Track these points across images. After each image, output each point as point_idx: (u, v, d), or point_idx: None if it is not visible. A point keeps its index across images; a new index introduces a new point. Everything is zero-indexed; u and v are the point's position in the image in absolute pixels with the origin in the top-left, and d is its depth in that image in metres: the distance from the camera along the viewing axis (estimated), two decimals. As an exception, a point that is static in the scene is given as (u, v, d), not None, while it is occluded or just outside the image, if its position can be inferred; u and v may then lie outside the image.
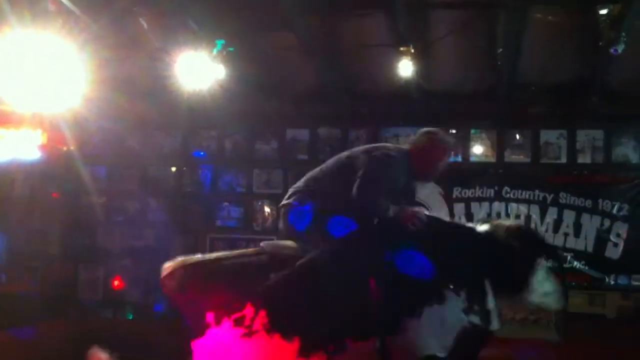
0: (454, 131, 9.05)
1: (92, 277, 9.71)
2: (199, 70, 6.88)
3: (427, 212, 4.10)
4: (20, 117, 8.04)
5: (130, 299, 9.47)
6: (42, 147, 8.78)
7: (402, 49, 7.05)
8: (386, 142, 9.04)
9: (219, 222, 9.43)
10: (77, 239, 9.80)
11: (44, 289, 9.32)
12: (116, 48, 7.00)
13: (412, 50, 7.06)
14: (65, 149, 9.11)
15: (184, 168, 9.69)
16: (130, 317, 9.47)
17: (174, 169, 9.72)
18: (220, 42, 6.85)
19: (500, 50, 7.28)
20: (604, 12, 6.56)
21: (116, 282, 9.41)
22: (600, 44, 6.80)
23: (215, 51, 6.80)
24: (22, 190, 9.75)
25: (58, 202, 9.74)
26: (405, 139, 9.02)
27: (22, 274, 9.45)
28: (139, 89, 8.14)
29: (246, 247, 4.79)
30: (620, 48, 6.43)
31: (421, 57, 7.30)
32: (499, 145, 8.92)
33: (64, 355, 6.39)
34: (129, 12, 6.51)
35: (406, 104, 8.56)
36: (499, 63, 7.54)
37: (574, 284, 8.36)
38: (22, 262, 9.48)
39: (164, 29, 6.81)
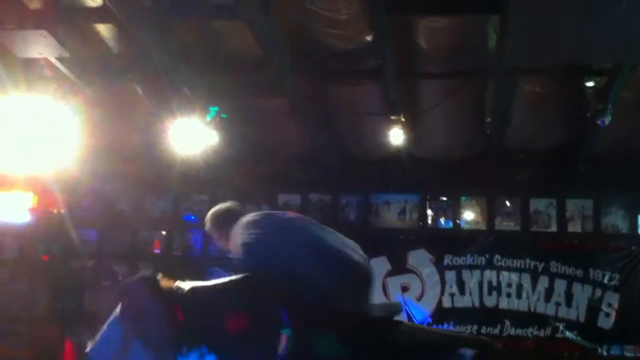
0: (444, 198, 9.12)
1: (79, 342, 9.56)
2: (191, 135, 6.94)
3: None
4: (12, 179, 8.07)
5: None
6: (33, 210, 8.78)
7: (392, 117, 7.14)
8: (377, 209, 9.12)
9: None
10: (65, 303, 9.69)
11: (30, 353, 9.16)
12: (110, 112, 7.10)
13: (403, 119, 7.15)
14: (55, 211, 9.10)
15: (174, 232, 9.66)
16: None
17: (164, 232, 9.69)
18: (213, 109, 6.93)
19: (489, 119, 7.39)
20: (590, 84, 6.69)
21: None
22: (588, 114, 6.92)
23: (208, 117, 6.87)
24: (10, 252, 9.70)
25: (47, 265, 9.66)
26: (396, 206, 9.10)
27: (8, 337, 9.31)
28: (132, 153, 8.19)
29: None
30: (607, 120, 6.54)
31: (411, 125, 7.40)
32: (489, 213, 8.96)
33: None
34: (123, 77, 6.61)
35: (397, 170, 8.62)
36: (488, 131, 7.65)
37: (566, 354, 8.28)
38: (8, 324, 9.34)
39: (158, 95, 6.90)
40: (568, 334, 8.51)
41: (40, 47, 5.50)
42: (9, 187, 8.46)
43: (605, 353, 8.45)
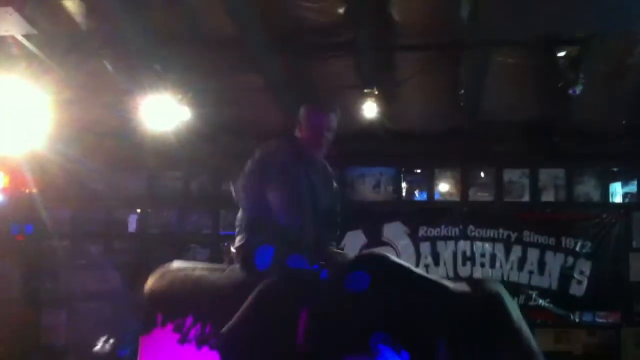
0: (419, 170, 9.16)
1: (55, 322, 9.51)
2: (164, 112, 6.89)
3: (394, 258, 3.90)
4: (-18, 159, 7.95)
5: (94, 343, 9.27)
6: (4, 190, 8.66)
7: (366, 90, 7.13)
8: (352, 182, 9.13)
9: (185, 264, 9.31)
10: (40, 283, 9.62)
11: (6, 334, 9.10)
12: (81, 90, 6.99)
13: (377, 92, 7.15)
14: (27, 191, 8.98)
15: (149, 210, 9.60)
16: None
17: (138, 210, 9.63)
18: (187, 84, 6.89)
19: (463, 90, 7.41)
20: (562, 54, 6.73)
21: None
22: (560, 84, 6.97)
23: (181, 93, 6.82)
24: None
25: (20, 245, 9.57)
26: (371, 179, 9.12)
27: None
28: (104, 131, 8.09)
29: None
30: (578, 89, 6.60)
31: (386, 98, 7.39)
32: (463, 184, 9.02)
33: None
34: (93, 55, 6.51)
35: (372, 144, 8.62)
36: (462, 103, 7.67)
37: (539, 321, 8.41)
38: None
39: (130, 72, 6.82)
40: (541, 301, 8.64)
41: (7, 24, 5.40)
42: (-20, 166, 8.34)
43: (577, 320, 8.60)
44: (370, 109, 7.36)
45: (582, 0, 4.88)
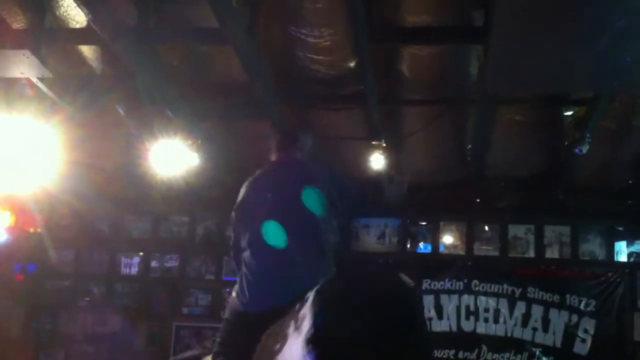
0: (424, 222, 9.16)
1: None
2: (173, 157, 6.93)
3: None
4: (-11, 198, 8.00)
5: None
6: (9, 230, 8.69)
7: (374, 142, 7.18)
8: (357, 233, 9.13)
9: (185, 310, 9.29)
10: (40, 323, 9.58)
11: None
12: (91, 132, 7.06)
13: (384, 144, 7.20)
14: (33, 230, 9.02)
15: (153, 253, 9.59)
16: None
17: (141, 253, 9.62)
18: (196, 130, 6.95)
19: (470, 145, 7.46)
20: (569, 113, 6.79)
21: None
22: (566, 143, 7.01)
23: (190, 139, 6.87)
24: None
25: (22, 284, 9.56)
26: (376, 230, 9.12)
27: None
28: (112, 173, 8.15)
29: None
30: (584, 148, 6.63)
31: (393, 150, 7.44)
32: (468, 237, 9.01)
33: None
34: (105, 97, 6.59)
35: (377, 194, 8.64)
36: (469, 158, 7.71)
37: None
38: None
39: (140, 116, 6.89)
40: (544, 359, 8.54)
41: (23, 67, 5.46)
42: (-14, 205, 8.38)
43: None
44: (377, 161, 7.40)
45: (590, 61, 4.92)
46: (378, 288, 2.58)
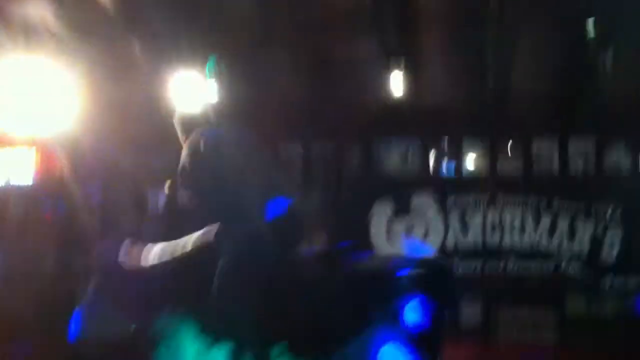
0: (446, 141, 9.13)
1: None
2: (190, 89, 6.92)
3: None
4: (14, 139, 8.04)
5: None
6: (36, 169, 8.77)
7: (393, 63, 7.11)
8: (379, 154, 9.13)
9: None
10: (71, 259, 9.76)
11: (39, 309, 9.27)
12: (109, 69, 7.04)
13: (403, 64, 7.12)
14: (58, 169, 9.09)
15: (177, 186, 9.65)
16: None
17: (166, 187, 9.68)
18: (211, 61, 6.89)
19: (492, 61, 7.36)
20: (591, 27, 6.64)
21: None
22: (589, 55, 6.89)
23: (207, 69, 6.84)
24: (15, 211, 9.72)
25: (51, 222, 9.70)
26: (398, 150, 9.11)
27: (17, 295, 9.40)
28: (132, 109, 8.14)
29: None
30: (607, 62, 6.52)
31: (412, 70, 7.36)
32: (492, 154, 8.98)
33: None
34: (121, 34, 6.54)
35: (397, 115, 8.60)
36: (490, 74, 7.61)
37: (570, 289, 8.41)
38: (16, 283, 9.42)
39: (157, 50, 6.84)
40: (571, 269, 8.62)
41: (38, 6, 5.42)
42: (12, 146, 8.43)
43: (608, 286, 8.58)
44: (396, 81, 7.33)
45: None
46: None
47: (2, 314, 8.50)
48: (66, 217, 9.68)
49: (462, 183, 8.97)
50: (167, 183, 9.59)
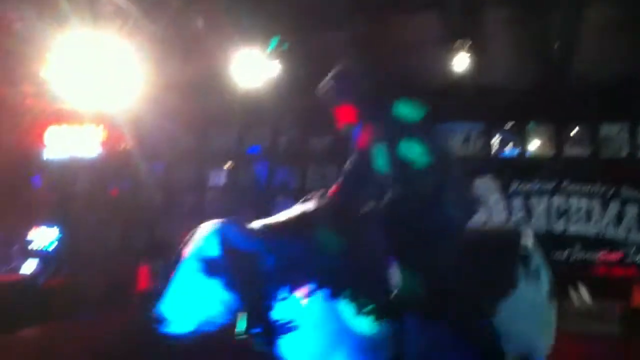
0: (510, 125, 8.95)
1: (152, 270, 9.86)
2: (253, 68, 6.95)
3: None
4: (82, 114, 8.22)
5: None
6: (103, 144, 8.96)
7: (456, 45, 6.98)
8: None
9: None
10: (136, 234, 9.98)
11: (105, 282, 9.50)
12: (172, 48, 7.12)
13: (467, 46, 6.99)
14: (123, 146, 9.27)
15: (238, 164, 9.76)
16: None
17: (229, 162, 9.80)
18: (275, 40, 6.90)
19: (556, 46, 7.15)
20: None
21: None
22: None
23: (270, 49, 6.85)
24: (82, 185, 9.98)
25: (117, 198, 9.93)
26: (460, 134, 8.98)
27: (83, 268, 9.66)
28: (195, 87, 8.23)
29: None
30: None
31: (476, 53, 7.22)
32: (558, 139, 8.76)
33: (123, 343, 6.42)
34: (184, 12, 6.60)
35: (461, 98, 8.45)
36: (556, 57, 7.41)
37: (636, 278, 8.17)
38: (83, 256, 9.68)
39: (220, 28, 6.88)
40: (638, 258, 8.38)
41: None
42: (80, 121, 8.62)
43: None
44: (459, 63, 7.21)
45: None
46: None
47: (68, 286, 8.77)
48: (131, 194, 9.91)
49: (526, 168, 8.78)
50: (228, 163, 9.75)
